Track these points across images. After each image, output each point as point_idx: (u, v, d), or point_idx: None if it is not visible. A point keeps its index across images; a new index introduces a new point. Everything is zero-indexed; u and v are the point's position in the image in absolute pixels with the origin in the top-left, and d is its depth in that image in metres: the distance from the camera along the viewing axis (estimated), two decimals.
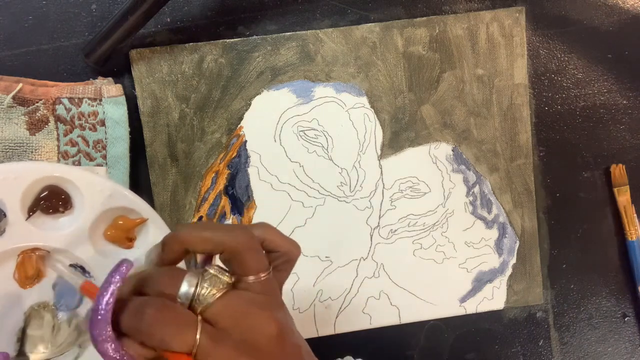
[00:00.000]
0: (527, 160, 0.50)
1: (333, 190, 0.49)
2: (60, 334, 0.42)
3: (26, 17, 0.45)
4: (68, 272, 0.40)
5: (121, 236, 0.42)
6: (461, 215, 0.50)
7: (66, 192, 0.40)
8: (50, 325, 0.42)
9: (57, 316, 0.42)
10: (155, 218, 0.42)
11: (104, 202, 0.40)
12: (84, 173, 0.40)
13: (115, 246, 0.42)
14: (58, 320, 0.42)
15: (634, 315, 0.53)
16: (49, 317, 0.42)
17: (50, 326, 0.42)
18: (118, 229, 0.41)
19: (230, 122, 0.47)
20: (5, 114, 0.43)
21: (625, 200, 0.51)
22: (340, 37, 0.47)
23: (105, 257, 0.41)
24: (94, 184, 0.40)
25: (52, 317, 0.42)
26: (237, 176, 0.48)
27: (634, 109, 0.52)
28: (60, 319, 0.42)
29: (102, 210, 0.40)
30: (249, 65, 0.47)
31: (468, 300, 0.51)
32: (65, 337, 0.42)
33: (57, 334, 0.42)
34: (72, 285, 0.41)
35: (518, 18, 0.49)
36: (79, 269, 0.42)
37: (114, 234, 0.42)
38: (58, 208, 0.40)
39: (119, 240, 0.42)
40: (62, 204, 0.40)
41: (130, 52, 0.46)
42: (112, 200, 0.40)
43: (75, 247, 0.40)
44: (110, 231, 0.42)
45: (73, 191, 0.40)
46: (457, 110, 0.49)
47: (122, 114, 0.45)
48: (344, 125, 0.48)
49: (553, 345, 0.53)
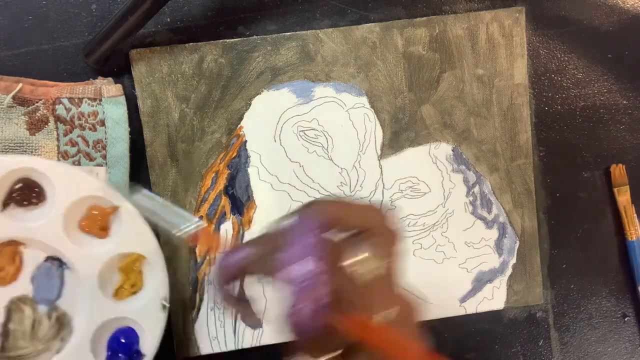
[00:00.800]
0: (527, 160, 0.50)
1: (333, 190, 0.49)
2: (42, 328, 0.42)
3: (26, 17, 0.45)
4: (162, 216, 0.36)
5: (95, 226, 0.42)
6: (461, 215, 0.50)
7: (39, 184, 0.41)
8: (30, 319, 0.42)
9: (36, 310, 0.42)
10: (127, 206, 0.42)
11: (74, 192, 0.41)
12: (53, 163, 0.41)
13: (91, 236, 0.42)
14: (38, 314, 0.42)
15: (634, 315, 0.53)
16: (28, 310, 0.42)
17: (30, 320, 0.42)
18: (92, 219, 0.42)
19: (230, 122, 0.47)
20: (5, 114, 0.43)
21: (625, 200, 0.51)
22: (340, 37, 0.47)
23: (81, 247, 0.41)
24: (64, 174, 0.40)
25: (32, 310, 0.42)
26: (237, 176, 0.48)
27: (634, 109, 0.52)
28: (40, 312, 0.42)
29: (74, 200, 0.41)
30: (249, 65, 0.47)
31: (468, 300, 0.51)
32: (46, 331, 0.42)
33: (38, 328, 0.42)
34: (50, 277, 0.42)
35: (518, 18, 0.49)
36: (55, 262, 0.42)
37: (88, 224, 0.42)
38: (32, 200, 0.41)
39: (94, 230, 0.42)
40: (36, 196, 0.41)
41: (130, 52, 0.46)
42: (83, 190, 0.41)
43: (51, 239, 0.41)
44: (84, 221, 0.42)
45: (45, 183, 0.41)
46: (457, 110, 0.49)
47: (122, 114, 0.45)
48: (344, 125, 0.48)
49: (553, 345, 0.53)
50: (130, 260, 0.43)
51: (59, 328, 0.42)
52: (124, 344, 0.42)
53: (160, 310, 0.42)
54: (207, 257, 0.48)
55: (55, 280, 0.42)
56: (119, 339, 0.43)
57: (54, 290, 0.42)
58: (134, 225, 0.41)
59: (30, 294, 0.42)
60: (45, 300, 0.42)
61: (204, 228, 0.32)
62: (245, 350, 0.49)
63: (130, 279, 0.43)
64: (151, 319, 0.42)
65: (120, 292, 0.43)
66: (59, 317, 0.42)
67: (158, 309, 0.42)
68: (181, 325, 0.48)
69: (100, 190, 0.41)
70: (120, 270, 0.42)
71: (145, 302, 0.42)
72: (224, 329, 0.49)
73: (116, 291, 0.43)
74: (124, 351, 0.42)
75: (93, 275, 0.41)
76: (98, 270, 0.41)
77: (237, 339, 0.49)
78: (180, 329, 0.48)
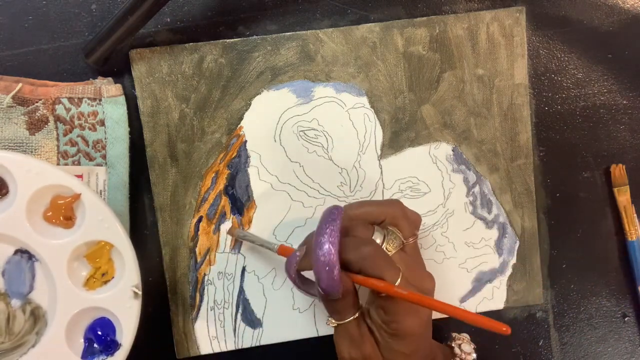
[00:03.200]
0: (527, 160, 0.50)
1: (333, 190, 0.49)
2: (17, 322, 0.42)
3: (26, 17, 0.45)
4: (258, 239, 0.46)
5: (60, 216, 0.42)
6: (461, 215, 0.50)
7: (0, 176, 0.41)
8: (4, 313, 0.42)
9: (10, 304, 0.42)
10: (88, 194, 0.41)
11: (34, 181, 0.40)
12: (10, 154, 0.40)
13: (56, 227, 0.42)
14: (12, 308, 0.42)
15: (634, 315, 0.53)
16: (2, 305, 0.42)
17: (4, 315, 0.42)
18: (56, 209, 0.41)
19: (230, 122, 0.47)
20: (5, 114, 0.43)
21: (625, 200, 0.51)
22: (340, 37, 0.47)
23: (47, 238, 0.41)
24: (22, 164, 0.40)
25: (6, 305, 0.42)
26: (237, 176, 0.48)
27: (634, 109, 0.52)
28: (13, 306, 0.42)
29: (34, 190, 0.40)
30: (249, 65, 0.47)
31: (468, 300, 0.51)
32: (22, 326, 0.42)
33: (13, 323, 0.42)
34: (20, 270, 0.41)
35: (518, 18, 0.49)
36: (25, 255, 0.41)
37: (53, 214, 0.42)
38: None
39: (59, 221, 0.42)
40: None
41: (130, 52, 0.46)
42: (42, 179, 0.40)
43: (16, 231, 0.40)
44: (49, 212, 0.42)
45: (5, 175, 0.41)
46: (457, 110, 0.49)
47: (122, 114, 0.45)
48: (344, 125, 0.48)
49: (553, 345, 0.53)
50: (97, 249, 0.42)
51: (34, 321, 0.42)
52: (100, 335, 0.42)
53: (132, 298, 0.42)
54: (207, 257, 0.48)
55: (26, 273, 0.42)
56: (96, 330, 0.42)
57: (26, 283, 0.42)
58: (97, 213, 0.41)
59: (2, 289, 0.42)
60: (18, 294, 0.42)
61: (281, 245, 0.43)
62: (245, 350, 0.49)
63: (101, 269, 0.42)
64: (124, 308, 0.41)
65: (91, 282, 0.42)
66: (33, 311, 0.42)
67: (130, 297, 0.41)
68: (181, 325, 0.48)
69: (59, 179, 0.40)
70: (86, 259, 0.42)
71: (117, 291, 0.41)
72: (224, 328, 0.49)
73: (87, 281, 0.42)
74: (100, 342, 0.42)
75: (62, 266, 0.41)
76: (66, 261, 0.41)
77: (237, 339, 0.49)
78: (180, 329, 0.48)
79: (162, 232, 0.48)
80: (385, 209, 0.40)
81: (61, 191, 0.41)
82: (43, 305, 0.42)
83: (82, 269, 0.42)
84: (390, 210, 0.40)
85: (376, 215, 0.40)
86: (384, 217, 0.40)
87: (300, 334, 0.49)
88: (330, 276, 0.35)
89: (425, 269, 0.41)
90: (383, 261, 0.37)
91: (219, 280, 0.48)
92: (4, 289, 0.42)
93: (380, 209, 0.40)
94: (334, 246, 0.35)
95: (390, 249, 0.39)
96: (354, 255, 0.36)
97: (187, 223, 0.48)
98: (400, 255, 0.39)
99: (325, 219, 0.37)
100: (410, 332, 0.37)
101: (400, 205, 0.41)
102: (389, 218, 0.40)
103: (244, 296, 0.49)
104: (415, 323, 0.37)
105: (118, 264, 0.42)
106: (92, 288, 0.42)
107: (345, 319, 0.39)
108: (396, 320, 0.37)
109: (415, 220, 0.43)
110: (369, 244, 0.37)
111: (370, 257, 0.36)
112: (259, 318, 0.49)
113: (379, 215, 0.40)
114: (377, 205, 0.41)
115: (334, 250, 0.35)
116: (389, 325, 0.38)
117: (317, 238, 0.36)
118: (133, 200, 0.47)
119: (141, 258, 0.42)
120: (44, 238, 0.41)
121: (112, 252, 0.42)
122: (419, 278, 0.39)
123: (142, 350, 0.44)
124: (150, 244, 0.48)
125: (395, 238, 0.40)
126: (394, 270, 0.36)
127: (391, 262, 0.37)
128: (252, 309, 0.49)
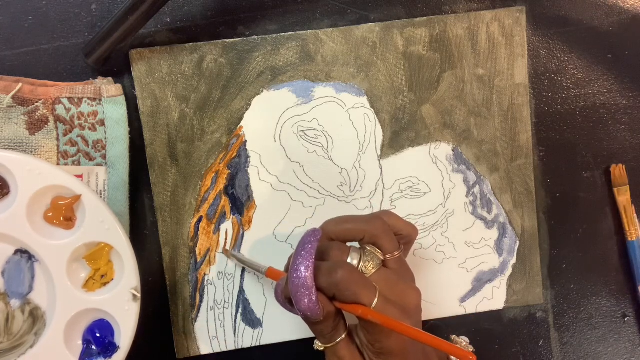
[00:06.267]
0: (527, 160, 0.50)
1: (333, 190, 0.49)
2: (15, 322, 0.42)
3: (26, 17, 0.45)
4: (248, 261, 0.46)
5: (60, 216, 0.42)
6: (461, 215, 0.50)
7: (1, 176, 0.41)
8: (4, 313, 0.42)
9: (9, 304, 0.42)
10: (89, 196, 0.41)
11: (35, 182, 0.40)
12: (11, 154, 0.40)
13: (57, 227, 0.42)
14: (11, 308, 0.42)
15: (634, 315, 0.53)
16: (1, 305, 0.42)
17: (4, 315, 0.42)
18: (57, 210, 0.42)
19: (230, 122, 0.47)
20: (4, 114, 0.43)
21: (625, 200, 0.51)
22: (340, 37, 0.47)
23: (47, 239, 0.41)
24: (23, 164, 0.40)
25: (5, 305, 0.42)
26: (237, 176, 0.48)
27: (634, 109, 0.52)
28: (13, 306, 0.42)
29: (36, 190, 0.40)
30: (249, 65, 0.47)
31: (468, 300, 0.51)
32: (21, 326, 0.42)
33: (12, 323, 0.42)
34: (20, 270, 0.42)
35: (518, 18, 0.49)
36: (25, 255, 0.42)
37: (53, 215, 0.42)
38: None
39: (59, 221, 0.42)
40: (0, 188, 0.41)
41: (130, 52, 0.46)
42: (43, 179, 0.40)
43: (16, 231, 0.40)
44: (50, 213, 0.42)
45: (7, 175, 0.41)
46: (458, 110, 0.49)
47: (122, 114, 0.45)
48: (344, 125, 0.48)
49: (553, 345, 0.53)
50: (97, 250, 0.42)
51: (33, 322, 0.42)
52: (98, 337, 0.42)
53: (131, 301, 0.42)
54: (207, 257, 0.48)
55: (25, 273, 0.42)
56: (94, 332, 0.42)
57: (25, 283, 0.42)
58: (97, 215, 0.41)
59: (2, 289, 0.42)
60: (17, 294, 0.42)
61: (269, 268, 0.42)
62: (245, 350, 0.49)
63: (100, 270, 0.42)
64: (123, 310, 0.41)
65: (90, 283, 0.42)
66: (32, 311, 0.42)
67: (129, 300, 0.41)
68: (181, 325, 0.48)
69: (60, 179, 0.40)
70: (86, 260, 0.42)
71: (115, 293, 0.41)
72: (224, 328, 0.49)
73: (86, 282, 0.42)
74: (98, 344, 0.42)
75: (62, 267, 0.41)
76: (66, 262, 0.41)
77: (237, 338, 0.49)
78: (180, 329, 0.48)
79: (162, 232, 0.48)
80: (365, 226, 0.39)
81: (62, 192, 0.41)
82: (42, 305, 0.42)
83: (82, 270, 0.42)
84: (369, 227, 0.39)
85: (354, 233, 0.39)
86: (362, 235, 0.39)
87: (300, 334, 0.49)
88: (308, 299, 0.35)
89: (411, 283, 0.40)
90: (356, 285, 0.35)
91: (219, 280, 0.48)
92: (3, 289, 0.42)
93: (359, 226, 0.39)
94: (309, 270, 0.35)
95: (370, 267, 0.38)
96: (326, 281, 0.36)
97: (187, 223, 0.48)
98: (380, 273, 0.38)
99: (302, 242, 0.36)
100: (395, 351, 0.37)
101: (381, 221, 0.39)
102: (368, 236, 0.39)
103: (244, 296, 0.49)
104: (398, 342, 0.36)
105: (117, 266, 0.42)
106: (91, 290, 0.42)
107: (333, 341, 0.38)
108: (379, 340, 0.37)
109: (411, 234, 0.41)
110: (341, 268, 0.36)
111: (342, 282, 0.35)
112: (259, 318, 0.49)
113: (357, 233, 0.39)
114: (357, 222, 0.39)
115: (308, 274, 0.35)
116: (373, 345, 0.37)
117: (293, 261, 0.35)
118: (133, 200, 0.47)
119: (141, 258, 0.42)
120: (44, 238, 0.41)
121: (111, 254, 0.42)
122: (400, 294, 0.38)
123: (142, 350, 0.44)
124: (150, 244, 0.48)
125: (373, 258, 0.38)
126: (369, 292, 0.35)
127: (366, 284, 0.36)
128: (252, 309, 0.49)
